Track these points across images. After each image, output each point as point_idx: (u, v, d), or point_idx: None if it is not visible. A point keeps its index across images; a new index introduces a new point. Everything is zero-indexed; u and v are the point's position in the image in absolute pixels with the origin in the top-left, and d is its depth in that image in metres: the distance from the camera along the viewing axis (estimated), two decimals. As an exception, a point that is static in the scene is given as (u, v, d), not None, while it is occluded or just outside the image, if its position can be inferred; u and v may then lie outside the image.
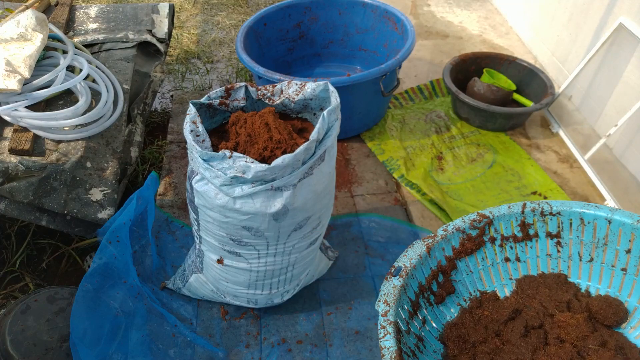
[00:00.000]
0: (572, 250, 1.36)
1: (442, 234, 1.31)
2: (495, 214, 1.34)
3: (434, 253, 1.29)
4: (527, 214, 1.34)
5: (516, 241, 1.36)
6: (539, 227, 1.34)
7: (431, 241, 1.29)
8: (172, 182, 1.99)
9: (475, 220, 1.33)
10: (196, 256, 1.52)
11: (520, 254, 1.37)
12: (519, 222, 1.34)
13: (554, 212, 1.33)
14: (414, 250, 1.27)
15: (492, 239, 1.35)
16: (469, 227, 1.33)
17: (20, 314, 1.41)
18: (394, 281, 1.21)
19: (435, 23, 2.97)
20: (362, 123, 2.18)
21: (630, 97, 1.89)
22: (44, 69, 1.74)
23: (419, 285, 1.27)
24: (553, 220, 1.34)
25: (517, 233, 1.35)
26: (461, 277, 1.35)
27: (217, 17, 3.23)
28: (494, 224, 1.34)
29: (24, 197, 1.55)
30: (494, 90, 2.16)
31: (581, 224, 1.33)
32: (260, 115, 1.28)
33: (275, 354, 1.46)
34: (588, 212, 1.31)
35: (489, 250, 1.35)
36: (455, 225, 1.32)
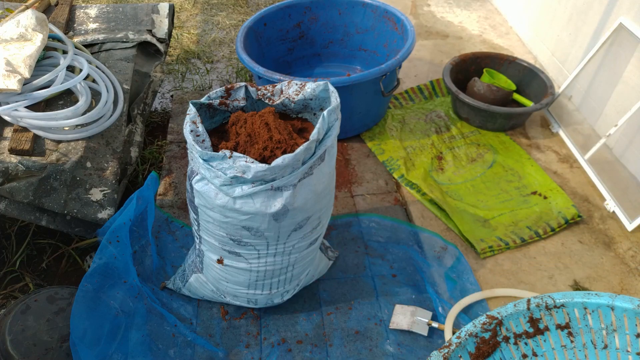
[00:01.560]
0: (584, 339, 1.37)
1: (457, 342, 1.32)
2: (503, 314, 1.35)
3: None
4: (532, 309, 1.36)
5: (529, 337, 1.38)
6: (547, 320, 1.36)
7: (447, 351, 1.30)
8: (172, 182, 1.99)
9: (485, 323, 1.34)
10: (196, 256, 1.52)
11: (536, 349, 1.39)
12: (527, 318, 1.36)
13: (558, 305, 1.35)
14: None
15: (506, 338, 1.37)
16: (481, 330, 1.34)
17: (20, 314, 1.41)
18: None
19: (435, 23, 2.97)
20: (362, 123, 2.18)
21: (630, 97, 1.89)
22: (44, 69, 1.74)
23: None
24: (559, 312, 1.36)
25: (528, 329, 1.37)
26: None
27: (217, 17, 3.23)
28: (504, 324, 1.36)
29: (24, 197, 1.55)
30: (494, 90, 2.16)
31: (586, 313, 1.34)
32: (260, 115, 1.28)
33: (275, 354, 1.46)
34: (589, 301, 1.33)
35: (505, 350, 1.37)
36: (468, 331, 1.33)
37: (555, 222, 1.80)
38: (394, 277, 1.67)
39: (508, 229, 1.79)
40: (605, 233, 1.78)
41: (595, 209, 1.86)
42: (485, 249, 1.71)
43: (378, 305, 1.59)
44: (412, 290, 1.62)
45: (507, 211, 1.85)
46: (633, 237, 1.77)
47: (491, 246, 1.72)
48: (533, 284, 1.63)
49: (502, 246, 1.73)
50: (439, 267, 1.67)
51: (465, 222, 1.79)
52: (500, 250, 1.73)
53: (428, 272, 1.66)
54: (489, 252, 1.71)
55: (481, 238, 1.74)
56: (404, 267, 1.70)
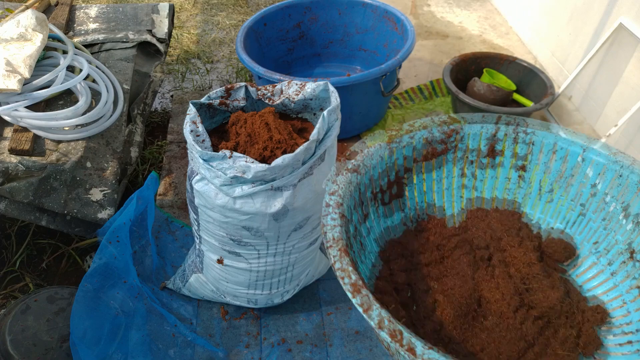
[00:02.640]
0: (534, 179, 1.29)
1: (408, 129, 1.24)
2: (468, 120, 1.26)
3: (395, 154, 1.22)
4: (500, 126, 1.25)
5: (479, 157, 1.27)
6: (508, 144, 1.26)
7: (394, 133, 1.22)
8: (172, 182, 1.99)
9: (445, 122, 1.24)
10: (196, 256, 1.52)
11: (479, 173, 1.29)
12: (489, 134, 1.26)
13: (528, 132, 1.25)
14: (376, 150, 1.19)
15: (456, 148, 1.26)
16: (437, 130, 1.24)
17: (20, 314, 1.41)
18: (347, 164, 1.13)
19: (435, 23, 2.97)
20: (362, 123, 2.18)
21: (630, 97, 1.89)
22: (44, 69, 1.74)
23: (370, 178, 1.19)
24: (526, 139, 1.25)
25: (482, 148, 1.26)
26: (412, 182, 1.26)
27: (217, 17, 3.23)
28: (463, 132, 1.25)
29: (24, 197, 1.55)
30: (494, 90, 2.16)
31: (554, 149, 1.25)
32: (260, 115, 1.28)
33: (275, 354, 1.46)
34: (565, 137, 1.23)
35: (448, 162, 1.27)
36: (423, 123, 1.24)
37: (555, 222, 1.79)
38: (394, 277, 1.67)
39: (508, 229, 1.78)
40: (605, 233, 1.78)
41: (595, 209, 1.86)
42: (485, 249, 1.71)
43: (378, 305, 1.59)
44: (412, 290, 1.63)
45: (507, 211, 1.85)
46: (633, 237, 1.76)
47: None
48: (533, 284, 1.63)
49: (502, 246, 1.72)
50: (439, 267, 1.67)
51: (465, 222, 1.79)
52: (500, 250, 1.72)
53: (428, 272, 1.66)
54: (489, 252, 1.71)
55: (481, 238, 1.74)
56: (404, 267, 1.70)
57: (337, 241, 1.02)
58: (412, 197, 1.31)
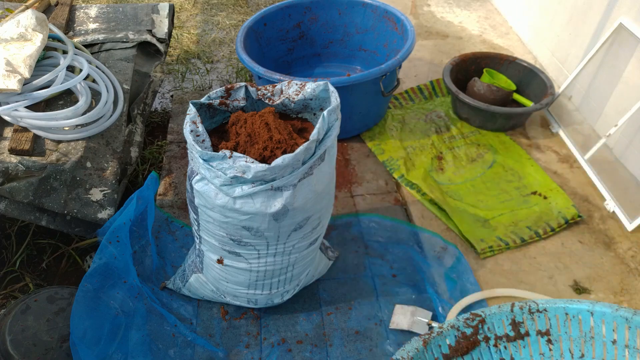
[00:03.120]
0: (563, 347, 1.38)
1: (438, 331, 1.33)
2: (487, 313, 1.37)
3: (430, 348, 1.31)
4: (516, 312, 1.37)
5: (509, 340, 1.39)
6: (529, 325, 1.38)
7: (427, 337, 1.31)
8: (172, 182, 1.99)
9: (468, 319, 1.36)
10: (196, 256, 1.52)
11: (514, 354, 1.40)
12: (510, 320, 1.37)
13: (540, 309, 1.37)
14: (410, 345, 1.29)
15: (487, 338, 1.38)
16: (463, 325, 1.35)
17: (20, 314, 1.41)
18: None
19: (435, 23, 2.97)
20: (362, 123, 2.18)
21: (630, 97, 1.89)
22: (44, 69, 1.74)
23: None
24: (541, 317, 1.37)
25: (509, 332, 1.38)
26: None
27: (217, 17, 3.23)
28: (487, 323, 1.37)
29: (24, 197, 1.55)
30: (494, 90, 2.16)
31: (567, 318, 1.36)
32: (260, 115, 1.28)
33: (275, 354, 1.46)
34: (571, 306, 1.35)
35: (484, 350, 1.38)
36: (450, 323, 1.35)
37: (555, 222, 1.80)
38: (394, 277, 1.67)
39: (508, 229, 1.78)
40: (605, 233, 1.78)
41: (595, 209, 1.86)
42: (485, 249, 1.71)
43: (378, 305, 1.59)
44: (412, 290, 1.62)
45: (507, 211, 1.85)
46: (633, 237, 1.77)
47: (491, 246, 1.72)
48: (533, 284, 1.63)
49: (502, 246, 1.73)
50: (439, 267, 1.67)
51: (465, 222, 1.79)
52: (500, 250, 1.73)
53: (428, 272, 1.66)
54: (489, 252, 1.71)
55: (481, 238, 1.74)
56: (404, 267, 1.70)
57: None
58: None
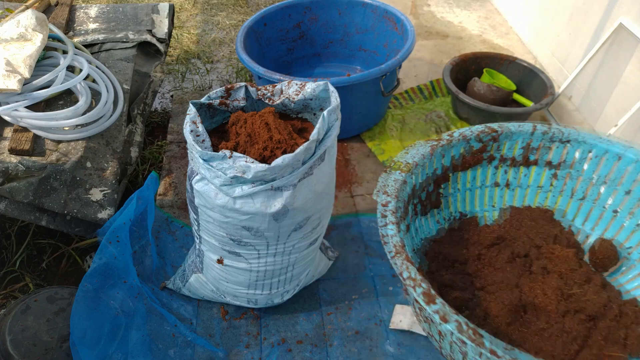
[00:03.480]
0: (566, 185, 1.29)
1: (447, 139, 1.23)
2: (504, 129, 1.26)
3: (434, 157, 1.22)
4: (536, 136, 1.25)
5: (513, 165, 1.29)
6: (542, 153, 1.27)
7: (435, 143, 1.21)
8: (172, 182, 1.99)
9: (482, 131, 1.25)
10: (196, 256, 1.52)
11: (512, 180, 1.31)
12: (525, 144, 1.26)
13: (564, 140, 1.25)
14: (416, 149, 1.18)
15: (491, 157, 1.28)
16: (475, 138, 1.25)
17: (20, 314, 1.41)
18: (395, 175, 1.14)
19: (435, 23, 2.97)
20: (362, 123, 2.18)
21: (630, 97, 1.89)
22: (44, 69, 1.74)
23: (412, 187, 1.20)
24: (559, 148, 1.25)
25: (517, 157, 1.28)
26: (448, 193, 1.28)
27: (217, 17, 3.23)
28: (499, 141, 1.26)
29: (24, 197, 1.55)
30: (494, 90, 2.16)
31: (588, 157, 1.25)
32: (260, 115, 1.28)
33: (275, 354, 1.46)
34: (600, 144, 1.22)
35: (483, 169, 1.29)
36: (462, 133, 1.24)
37: (555, 222, 1.79)
38: (394, 277, 1.67)
39: (508, 229, 1.78)
40: (605, 233, 1.78)
41: (595, 209, 1.86)
42: (485, 249, 1.71)
43: (378, 305, 1.59)
44: (412, 290, 1.62)
45: (507, 211, 1.85)
46: (633, 237, 1.76)
47: (491, 246, 1.72)
48: (533, 284, 1.63)
49: (502, 246, 1.72)
50: (439, 267, 1.67)
51: (465, 222, 1.79)
52: (500, 250, 1.72)
53: (428, 272, 1.66)
54: (489, 252, 1.71)
55: (481, 238, 1.74)
56: (404, 267, 1.70)
57: (400, 251, 1.01)
58: (446, 208, 1.33)
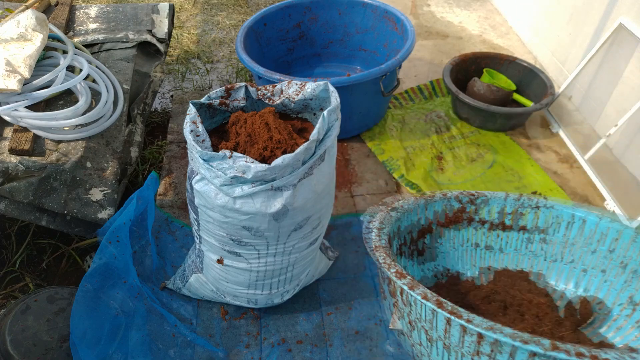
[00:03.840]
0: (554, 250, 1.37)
1: (430, 195, 1.33)
2: (480, 194, 1.36)
3: (418, 207, 1.31)
4: (509, 202, 1.35)
5: (490, 229, 1.36)
6: (516, 219, 1.34)
7: (419, 197, 1.32)
8: (172, 182, 1.99)
9: (461, 193, 1.35)
10: (196, 256, 1.52)
11: (490, 243, 1.37)
12: (500, 209, 1.35)
13: (534, 206, 1.34)
14: (407, 202, 1.28)
15: (470, 219, 1.35)
16: (455, 198, 1.34)
17: (20, 314, 1.41)
18: (391, 213, 1.21)
19: (435, 23, 2.97)
20: (362, 123, 2.18)
21: (630, 97, 1.89)
22: (44, 69, 1.74)
23: (398, 227, 1.27)
24: (531, 214, 1.34)
25: (494, 221, 1.35)
26: (432, 245, 1.34)
27: (217, 17, 3.23)
28: (476, 204, 1.34)
29: (24, 197, 1.55)
30: (494, 90, 2.16)
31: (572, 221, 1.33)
32: (260, 115, 1.28)
33: (275, 354, 1.46)
34: (567, 210, 1.32)
35: (463, 229, 1.35)
36: (443, 192, 1.34)
37: (555, 222, 1.80)
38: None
39: (508, 229, 1.78)
40: (605, 233, 1.78)
41: (595, 209, 1.86)
42: (485, 249, 1.71)
43: (378, 305, 1.59)
44: (412, 290, 1.63)
45: (507, 211, 1.85)
46: (633, 237, 1.76)
47: (491, 246, 1.72)
48: (533, 284, 1.63)
49: (502, 246, 1.73)
50: (439, 267, 1.67)
51: (465, 222, 1.80)
52: (500, 250, 1.72)
53: (428, 272, 1.66)
54: (489, 252, 1.71)
55: (481, 238, 1.74)
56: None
57: (378, 247, 1.06)
58: (430, 258, 1.39)
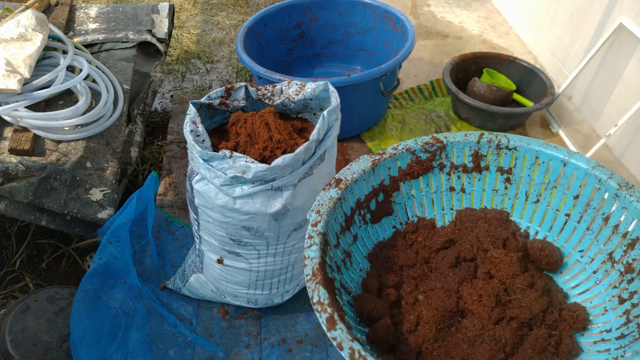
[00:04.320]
0: (520, 189, 1.32)
1: (391, 152, 1.26)
2: (450, 140, 1.29)
3: (378, 170, 1.24)
4: (482, 144, 1.28)
5: (465, 171, 1.31)
6: (492, 160, 1.30)
7: (378, 158, 1.24)
8: (172, 182, 1.99)
9: (428, 143, 1.28)
10: (196, 256, 1.52)
11: (466, 185, 1.32)
12: (473, 151, 1.29)
13: (510, 147, 1.28)
14: (358, 164, 1.21)
15: (442, 165, 1.30)
16: (420, 149, 1.28)
17: (20, 314, 1.41)
18: (331, 192, 1.16)
19: (435, 23, 2.97)
20: (362, 123, 2.18)
21: (630, 97, 1.89)
22: (44, 69, 1.74)
23: (357, 200, 1.22)
24: (507, 154, 1.29)
25: (468, 163, 1.30)
26: (402, 200, 1.30)
27: (217, 17, 3.23)
28: (446, 150, 1.29)
29: (24, 197, 1.55)
30: (494, 90, 2.16)
31: (535, 162, 1.28)
32: (260, 115, 1.28)
33: (275, 354, 1.46)
34: (545, 151, 1.26)
35: (435, 176, 1.31)
36: (407, 146, 1.27)
37: (555, 222, 1.79)
38: (394, 277, 1.67)
39: (508, 229, 1.78)
40: (605, 233, 1.78)
41: (595, 209, 1.86)
42: (485, 249, 1.71)
43: (378, 305, 1.59)
44: (412, 290, 1.63)
45: (507, 211, 1.85)
46: (633, 237, 1.76)
47: (491, 246, 1.72)
48: (533, 284, 1.63)
49: (502, 246, 1.72)
50: (439, 267, 1.67)
51: (465, 222, 1.79)
52: (500, 250, 1.72)
53: (428, 272, 1.66)
54: (488, 252, 1.71)
55: (481, 238, 1.74)
56: (404, 267, 1.70)
57: (316, 273, 1.02)
58: (402, 213, 1.34)
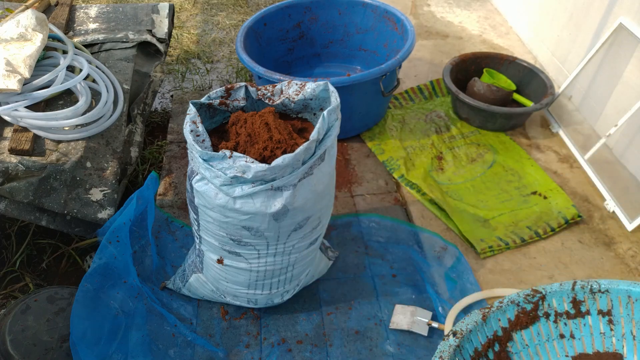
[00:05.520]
0: (624, 329, 1.38)
1: (498, 305, 1.35)
2: (547, 290, 1.38)
3: (489, 322, 1.33)
4: (577, 290, 1.37)
5: (569, 317, 1.39)
6: (590, 304, 1.37)
7: (487, 311, 1.33)
8: (172, 182, 1.99)
9: (529, 295, 1.37)
10: (196, 256, 1.52)
11: (574, 331, 1.40)
12: (571, 298, 1.37)
13: (602, 290, 1.36)
14: (470, 317, 1.31)
15: (547, 314, 1.38)
16: (524, 300, 1.37)
17: (20, 314, 1.41)
18: (450, 341, 1.24)
19: (435, 23, 2.97)
20: (362, 123, 2.18)
21: (630, 97, 1.89)
22: (44, 69, 1.74)
23: (474, 349, 1.30)
24: (602, 297, 1.36)
25: (569, 310, 1.38)
26: (517, 350, 1.38)
27: (217, 17, 3.23)
28: (547, 300, 1.37)
29: (24, 197, 1.55)
30: (494, 90, 2.16)
31: (629, 302, 1.35)
32: (260, 115, 1.28)
33: (275, 354, 1.46)
34: (634, 289, 1.33)
35: (544, 325, 1.39)
36: (511, 299, 1.36)
37: (555, 222, 1.80)
38: (394, 277, 1.67)
39: (508, 229, 1.78)
40: (605, 233, 1.78)
41: (595, 209, 1.86)
42: (485, 249, 1.71)
43: (378, 305, 1.59)
44: (412, 290, 1.62)
45: (507, 211, 1.85)
46: (633, 237, 1.77)
47: (491, 246, 1.72)
48: (533, 283, 1.63)
49: (502, 246, 1.73)
50: (439, 267, 1.67)
51: (465, 222, 1.79)
52: (500, 250, 1.73)
53: (428, 272, 1.66)
54: (489, 252, 1.71)
55: (481, 238, 1.74)
56: (404, 267, 1.70)
57: None
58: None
